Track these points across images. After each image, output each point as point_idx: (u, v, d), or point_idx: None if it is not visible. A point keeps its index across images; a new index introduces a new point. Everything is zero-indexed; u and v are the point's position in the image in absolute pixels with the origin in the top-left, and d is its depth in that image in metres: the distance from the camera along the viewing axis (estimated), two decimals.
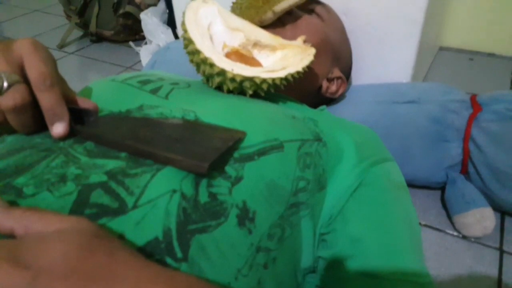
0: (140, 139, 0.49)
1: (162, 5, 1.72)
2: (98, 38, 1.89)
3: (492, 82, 1.45)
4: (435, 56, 1.64)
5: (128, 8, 1.76)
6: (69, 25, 1.88)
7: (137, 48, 1.78)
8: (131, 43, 1.82)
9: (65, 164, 0.46)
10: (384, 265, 0.55)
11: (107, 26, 1.82)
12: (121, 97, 0.62)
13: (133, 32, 1.86)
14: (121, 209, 0.42)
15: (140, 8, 1.76)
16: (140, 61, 1.68)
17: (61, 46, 1.85)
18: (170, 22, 1.66)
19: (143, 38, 1.80)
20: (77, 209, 0.41)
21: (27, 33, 2.02)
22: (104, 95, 0.63)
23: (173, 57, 1.19)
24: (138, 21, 1.75)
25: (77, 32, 1.97)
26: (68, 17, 1.89)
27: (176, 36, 1.63)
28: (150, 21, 1.64)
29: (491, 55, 1.64)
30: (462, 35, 1.67)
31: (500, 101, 0.91)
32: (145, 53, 1.64)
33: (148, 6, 1.74)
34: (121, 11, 1.76)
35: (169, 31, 1.63)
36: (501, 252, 0.85)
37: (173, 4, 1.50)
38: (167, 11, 1.68)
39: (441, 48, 1.70)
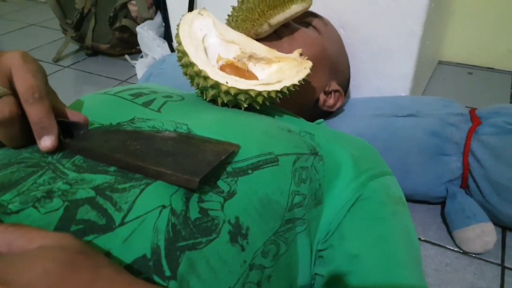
0: (130, 153, 0.48)
1: (158, 18, 1.72)
2: (94, 52, 1.89)
3: (491, 96, 1.45)
4: (434, 70, 1.64)
5: (124, 22, 1.75)
6: (65, 38, 1.87)
7: (133, 62, 1.77)
8: (126, 57, 1.81)
9: (52, 180, 0.44)
10: (382, 281, 0.54)
11: (103, 39, 1.81)
12: (112, 110, 0.62)
13: (129, 46, 1.86)
14: (108, 226, 0.40)
15: (137, 22, 1.75)
16: (135, 74, 1.67)
17: (56, 60, 1.84)
18: (167, 35, 1.66)
19: (139, 51, 1.79)
20: (63, 225, 0.39)
21: (23, 47, 2.01)
22: (95, 108, 0.62)
23: (169, 70, 1.18)
24: (134, 35, 1.74)
25: (73, 46, 1.96)
26: (64, 31, 1.89)
27: (172, 50, 1.63)
28: (146, 34, 1.64)
29: (490, 69, 1.64)
30: (461, 50, 1.68)
31: (499, 114, 0.90)
32: (141, 66, 1.63)
33: (144, 19, 1.73)
34: (117, 25, 1.76)
35: (165, 44, 1.63)
36: (503, 268, 0.83)
37: (170, 18, 1.50)
38: (164, 24, 1.68)
39: (440, 62, 1.70)
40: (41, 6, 2.70)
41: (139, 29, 1.65)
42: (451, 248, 0.89)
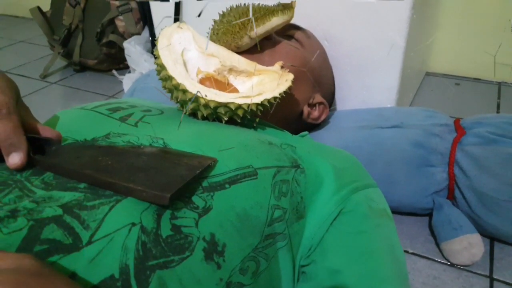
0: (101, 169, 0.47)
1: (146, 33, 1.73)
2: (82, 68, 1.89)
3: (478, 107, 1.47)
4: (422, 81, 1.66)
5: (112, 37, 1.75)
6: (52, 54, 1.87)
7: (120, 77, 1.77)
8: (114, 72, 1.81)
9: (18, 199, 0.43)
10: None
11: (90, 55, 1.81)
12: (88, 125, 0.61)
13: (117, 61, 1.87)
14: (74, 245, 0.39)
15: (124, 37, 1.76)
16: (123, 89, 1.68)
17: (43, 76, 1.84)
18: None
19: (127, 67, 1.79)
20: (26, 246, 0.38)
21: (12, 63, 2.02)
22: (70, 124, 0.62)
23: (153, 84, 1.17)
24: (122, 50, 1.75)
25: (62, 62, 1.97)
26: (52, 47, 1.89)
27: None
28: (133, 49, 1.64)
29: (477, 80, 1.67)
30: (448, 61, 1.71)
31: (483, 124, 0.90)
32: (128, 81, 1.63)
33: (131, 35, 1.74)
34: (104, 40, 1.76)
35: (153, 59, 1.62)
36: (491, 280, 0.82)
37: (156, 33, 1.50)
38: (151, 39, 1.68)
39: (428, 74, 1.73)
40: (29, 23, 2.70)
41: (126, 44, 1.65)
42: (439, 260, 0.88)
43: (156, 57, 0.69)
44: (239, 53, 0.76)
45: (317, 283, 0.55)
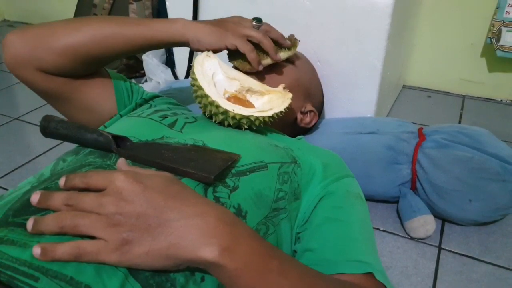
0: (165, 158, 0.65)
1: None
2: None
3: (445, 116, 1.66)
4: (399, 93, 1.84)
5: None
6: None
7: (139, 85, 1.95)
8: (133, 81, 2.00)
9: None
10: (338, 249, 0.68)
11: (112, 65, 1.99)
12: (147, 129, 0.78)
13: (133, 70, 2.05)
14: None
15: None
16: None
17: None
18: (169, 62, 1.86)
19: (142, 75, 1.99)
20: None
21: None
22: (134, 127, 0.79)
23: (176, 94, 1.39)
24: (138, 61, 1.94)
25: None
26: None
27: (174, 75, 1.83)
28: (151, 61, 1.84)
29: (445, 93, 1.85)
30: (422, 76, 1.89)
31: (438, 132, 1.14)
32: (146, 89, 1.81)
33: None
34: None
35: (168, 70, 1.83)
36: (439, 249, 1.06)
37: (174, 49, 1.71)
38: (166, 53, 1.89)
39: (405, 86, 1.91)
40: None
41: (145, 57, 1.85)
42: (402, 235, 1.11)
43: (193, 79, 0.87)
44: (251, 74, 0.96)
45: (304, 242, 0.71)
